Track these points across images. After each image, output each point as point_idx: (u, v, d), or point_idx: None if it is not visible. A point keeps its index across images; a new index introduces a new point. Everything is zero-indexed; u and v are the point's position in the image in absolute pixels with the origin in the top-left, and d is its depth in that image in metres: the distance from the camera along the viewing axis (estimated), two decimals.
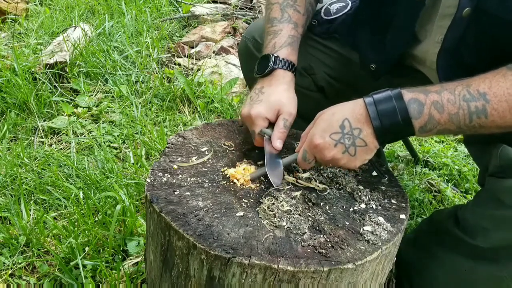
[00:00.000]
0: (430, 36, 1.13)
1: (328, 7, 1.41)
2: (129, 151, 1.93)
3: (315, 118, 1.03)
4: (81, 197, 1.59)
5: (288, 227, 0.90)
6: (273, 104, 1.12)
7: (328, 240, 0.88)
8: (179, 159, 1.07)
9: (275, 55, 1.17)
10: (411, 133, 0.95)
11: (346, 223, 0.94)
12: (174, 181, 0.99)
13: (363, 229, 0.92)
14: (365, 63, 1.29)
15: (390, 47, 1.20)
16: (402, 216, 0.97)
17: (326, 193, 1.02)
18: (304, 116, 1.48)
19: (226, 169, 1.06)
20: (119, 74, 2.48)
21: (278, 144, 1.09)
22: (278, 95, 1.13)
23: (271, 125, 1.12)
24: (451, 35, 1.05)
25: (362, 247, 0.87)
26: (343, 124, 0.96)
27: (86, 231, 1.49)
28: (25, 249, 1.47)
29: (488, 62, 0.94)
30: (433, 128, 0.94)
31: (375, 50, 1.25)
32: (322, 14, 1.41)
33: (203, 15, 3.23)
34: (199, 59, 2.79)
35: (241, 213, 0.92)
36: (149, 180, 0.98)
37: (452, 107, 0.92)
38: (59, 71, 2.36)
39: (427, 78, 1.26)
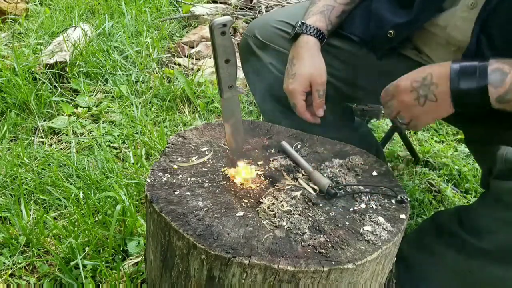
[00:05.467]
0: (459, 1, 1.11)
1: None
2: (129, 151, 1.93)
3: None
4: (81, 197, 1.59)
5: (288, 227, 0.90)
6: (305, 78, 1.24)
7: (328, 240, 0.88)
8: (179, 159, 1.07)
9: (303, 21, 1.27)
10: (487, 102, 0.95)
11: (346, 223, 0.94)
12: (174, 181, 0.99)
13: (363, 229, 0.92)
14: (382, 30, 1.26)
15: (419, 10, 1.18)
16: (402, 216, 0.97)
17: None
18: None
19: (226, 169, 1.06)
20: (119, 74, 2.48)
21: (320, 112, 1.25)
22: (307, 67, 1.24)
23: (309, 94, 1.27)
24: None
25: (362, 247, 0.87)
26: (426, 76, 1.02)
27: (86, 231, 1.49)
28: (25, 249, 1.47)
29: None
30: None
31: (397, 14, 1.24)
32: None
33: (203, 15, 3.22)
34: (199, 59, 2.79)
35: (241, 213, 0.92)
36: (149, 180, 0.98)
37: None
38: (59, 71, 2.36)
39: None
